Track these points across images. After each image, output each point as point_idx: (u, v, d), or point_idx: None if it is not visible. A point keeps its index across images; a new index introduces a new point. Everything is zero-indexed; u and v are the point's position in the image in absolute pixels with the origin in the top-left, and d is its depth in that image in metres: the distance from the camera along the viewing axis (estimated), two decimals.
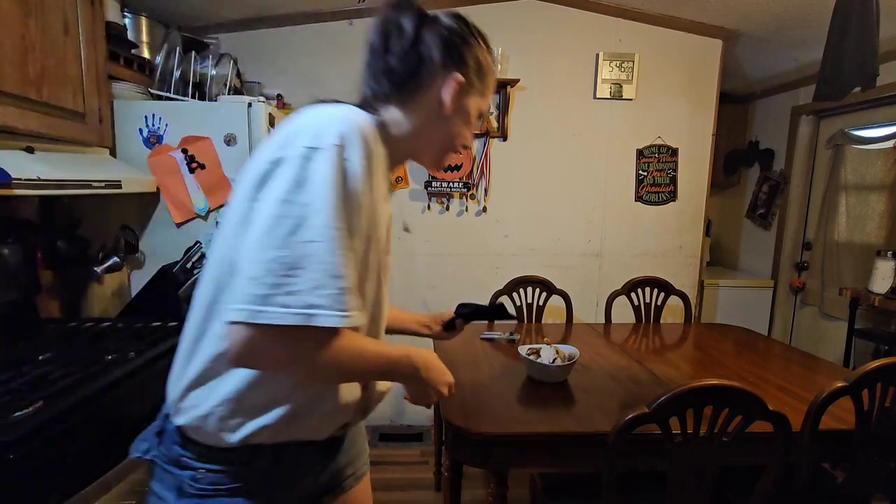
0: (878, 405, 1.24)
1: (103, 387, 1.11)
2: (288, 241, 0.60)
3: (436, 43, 0.76)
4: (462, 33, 0.78)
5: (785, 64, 3.09)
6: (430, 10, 0.79)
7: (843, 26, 1.70)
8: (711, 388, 1.07)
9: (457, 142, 0.84)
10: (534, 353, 1.58)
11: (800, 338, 3.38)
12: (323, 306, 0.61)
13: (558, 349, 1.58)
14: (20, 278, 1.46)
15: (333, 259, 0.62)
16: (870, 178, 2.88)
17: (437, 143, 0.83)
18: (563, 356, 1.55)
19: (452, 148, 0.85)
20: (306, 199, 0.61)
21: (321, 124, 0.66)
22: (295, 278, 0.60)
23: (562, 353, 1.57)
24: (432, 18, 0.78)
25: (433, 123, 0.80)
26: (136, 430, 0.83)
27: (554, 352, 1.56)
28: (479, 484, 2.34)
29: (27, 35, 1.28)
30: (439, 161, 0.86)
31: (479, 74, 0.81)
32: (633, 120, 2.86)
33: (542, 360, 1.54)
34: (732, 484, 1.49)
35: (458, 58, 0.78)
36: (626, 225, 2.95)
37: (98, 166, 1.55)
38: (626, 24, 2.77)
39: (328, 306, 0.61)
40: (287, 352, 0.63)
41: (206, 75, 2.09)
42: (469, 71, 0.79)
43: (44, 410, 0.96)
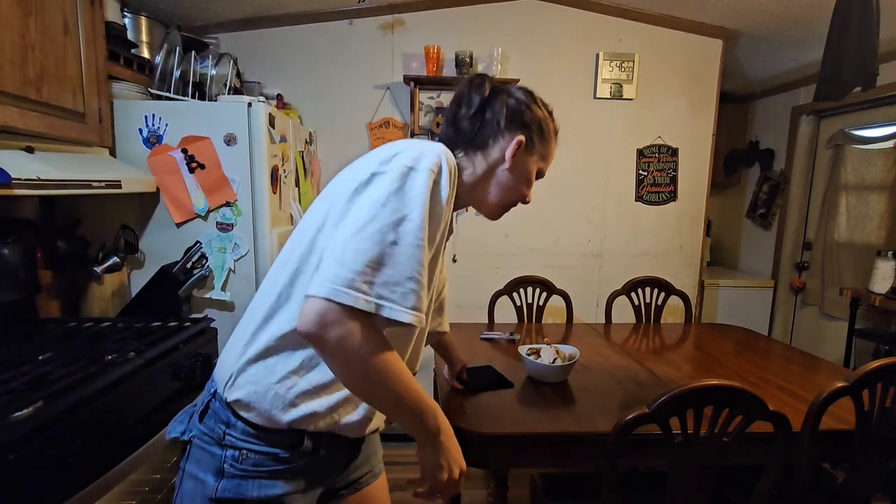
0: (879, 405, 1.24)
1: (103, 387, 1.10)
2: (378, 238, 0.68)
3: (501, 110, 0.90)
4: (527, 101, 0.92)
5: (785, 64, 3.09)
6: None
7: (843, 26, 1.70)
8: (712, 388, 1.07)
9: (515, 196, 0.95)
10: (534, 353, 1.58)
11: (800, 338, 3.38)
12: (394, 300, 0.68)
13: (558, 349, 1.58)
14: (20, 278, 1.46)
15: (412, 264, 0.69)
16: (870, 178, 2.88)
17: (497, 194, 0.93)
18: (563, 356, 1.55)
19: (512, 201, 0.95)
20: (401, 207, 0.70)
21: (421, 151, 0.75)
22: (376, 272, 0.68)
23: (562, 353, 1.56)
24: (501, 90, 0.92)
25: (496, 176, 0.92)
26: (136, 429, 0.83)
27: (554, 352, 1.56)
28: (480, 484, 2.34)
29: (27, 35, 1.28)
30: (497, 212, 0.96)
31: (540, 137, 0.94)
32: (634, 120, 2.86)
33: (542, 360, 1.54)
34: (732, 484, 1.49)
35: (521, 122, 0.91)
36: (627, 225, 2.95)
37: (98, 166, 1.55)
38: (627, 23, 2.77)
39: (398, 301, 0.69)
40: (349, 337, 0.67)
41: (206, 75, 2.09)
42: (532, 134, 0.92)
43: (43, 410, 0.95)
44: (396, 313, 0.68)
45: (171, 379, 1.36)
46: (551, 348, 1.58)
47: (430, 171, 0.73)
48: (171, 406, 1.32)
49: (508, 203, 0.95)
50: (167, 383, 1.34)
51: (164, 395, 1.33)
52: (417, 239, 0.70)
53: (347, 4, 2.58)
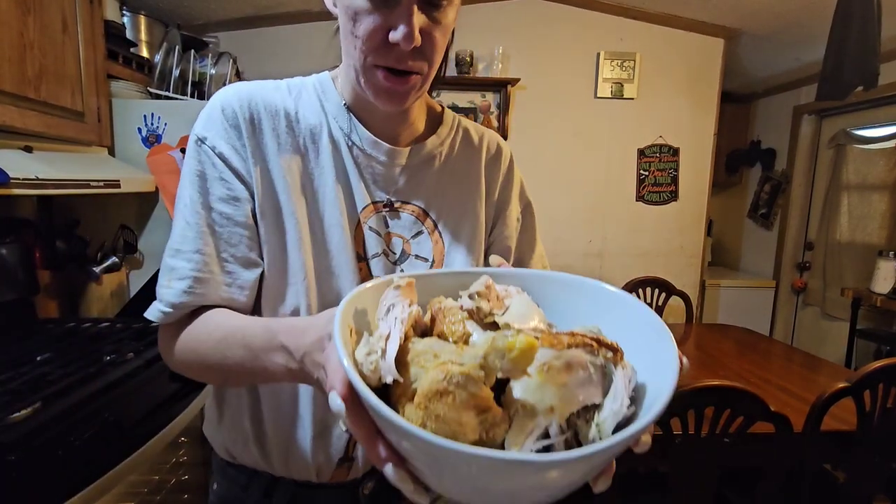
0: (880, 406, 1.24)
1: (102, 388, 1.10)
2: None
3: None
4: None
5: (787, 63, 3.09)
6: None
7: (844, 25, 1.69)
8: (713, 388, 1.07)
9: (351, 44, 0.54)
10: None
11: (801, 338, 3.37)
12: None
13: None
14: (18, 278, 1.45)
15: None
16: (872, 178, 2.87)
17: (343, 58, 0.59)
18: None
19: (361, 59, 0.54)
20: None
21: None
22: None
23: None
24: None
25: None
26: (135, 430, 0.83)
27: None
28: None
29: (26, 33, 1.27)
30: (362, 78, 0.56)
31: None
32: (635, 119, 2.85)
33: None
34: (733, 484, 1.49)
35: None
36: (627, 225, 2.94)
37: (97, 165, 1.55)
38: (628, 22, 2.77)
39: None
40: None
41: (206, 74, 2.08)
42: None
43: (42, 411, 0.95)
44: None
45: (170, 380, 1.36)
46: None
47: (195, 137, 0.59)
48: (170, 407, 1.31)
49: (359, 56, 0.54)
50: (166, 384, 1.34)
51: (163, 395, 1.32)
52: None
53: None
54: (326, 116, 0.63)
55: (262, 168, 0.59)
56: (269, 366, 0.48)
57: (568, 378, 0.35)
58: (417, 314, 0.40)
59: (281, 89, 0.64)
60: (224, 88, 0.62)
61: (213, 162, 0.58)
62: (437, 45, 0.55)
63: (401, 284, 0.41)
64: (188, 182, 0.58)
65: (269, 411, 0.63)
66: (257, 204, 0.59)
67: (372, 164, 0.63)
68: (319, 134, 0.62)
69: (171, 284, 0.56)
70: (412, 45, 0.51)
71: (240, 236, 0.58)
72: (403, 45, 0.51)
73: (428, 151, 0.67)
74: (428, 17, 0.52)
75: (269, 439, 0.63)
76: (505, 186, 0.74)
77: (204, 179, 0.58)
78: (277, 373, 0.48)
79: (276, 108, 0.61)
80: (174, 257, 0.57)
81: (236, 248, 0.57)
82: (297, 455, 0.62)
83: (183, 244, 0.57)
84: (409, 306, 0.40)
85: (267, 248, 0.59)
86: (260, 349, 0.49)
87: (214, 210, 0.57)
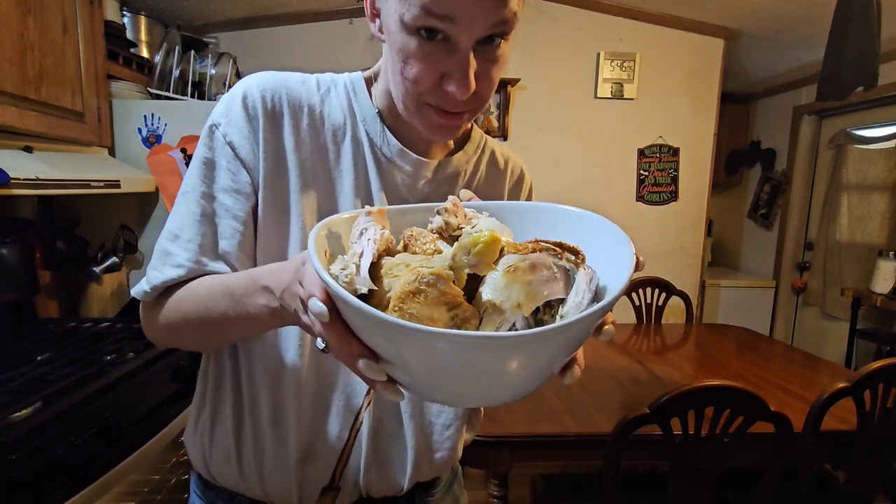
0: (880, 406, 1.24)
1: (102, 387, 1.10)
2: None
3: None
4: None
5: (787, 63, 3.09)
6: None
7: (844, 26, 1.69)
8: (713, 388, 1.07)
9: (399, 78, 0.52)
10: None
11: (801, 338, 3.37)
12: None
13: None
14: (19, 278, 1.45)
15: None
16: (872, 178, 2.87)
17: (391, 87, 0.56)
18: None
19: (411, 91, 0.52)
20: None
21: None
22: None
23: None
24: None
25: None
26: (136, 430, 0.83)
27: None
28: (480, 485, 2.34)
29: (26, 34, 1.27)
30: (408, 110, 0.54)
31: None
32: (635, 119, 2.85)
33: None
34: (733, 484, 1.49)
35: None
36: (627, 225, 2.89)
37: (97, 166, 1.55)
38: (628, 23, 2.77)
39: None
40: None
41: (206, 74, 2.08)
42: None
43: (42, 411, 0.95)
44: None
45: (171, 379, 1.35)
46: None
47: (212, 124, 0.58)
48: (169, 407, 1.31)
49: (406, 93, 0.52)
50: (166, 384, 1.34)
51: (164, 395, 1.32)
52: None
53: (347, 3, 2.58)
54: (354, 118, 0.62)
55: (273, 163, 0.57)
56: (251, 309, 0.48)
57: (532, 277, 0.37)
58: (389, 239, 0.42)
59: (308, 84, 0.63)
60: (250, 76, 0.60)
61: (223, 150, 0.57)
62: (493, 83, 0.53)
63: (372, 211, 0.43)
64: (195, 168, 0.58)
65: (251, 430, 0.60)
66: (261, 199, 0.58)
67: (395, 173, 0.62)
68: (343, 135, 0.61)
69: (164, 270, 0.56)
70: (468, 95, 0.49)
71: (233, 230, 0.57)
72: (459, 95, 0.49)
73: (454, 167, 0.66)
74: (484, 58, 0.50)
75: (249, 461, 0.60)
76: None
77: (211, 167, 0.57)
78: (260, 316, 0.47)
79: (301, 102, 0.60)
80: (172, 242, 0.56)
81: (228, 242, 0.57)
82: (279, 480, 0.60)
83: (182, 230, 0.56)
84: (380, 229, 0.41)
85: (265, 249, 0.58)
86: (242, 294, 0.49)
87: (216, 199, 0.57)
